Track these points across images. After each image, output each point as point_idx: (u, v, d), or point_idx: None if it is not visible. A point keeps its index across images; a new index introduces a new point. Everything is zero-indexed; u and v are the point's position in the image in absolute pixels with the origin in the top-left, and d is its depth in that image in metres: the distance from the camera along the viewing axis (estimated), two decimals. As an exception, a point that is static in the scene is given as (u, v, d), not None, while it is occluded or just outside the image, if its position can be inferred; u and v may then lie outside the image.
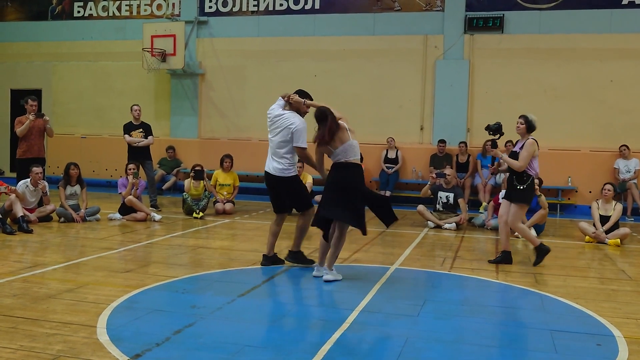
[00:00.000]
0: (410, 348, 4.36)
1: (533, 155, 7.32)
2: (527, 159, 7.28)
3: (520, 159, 7.31)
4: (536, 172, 7.42)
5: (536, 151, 7.34)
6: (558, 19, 14.02)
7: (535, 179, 7.43)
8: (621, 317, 5.31)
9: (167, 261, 7.35)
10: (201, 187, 11.32)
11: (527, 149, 7.30)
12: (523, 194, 7.39)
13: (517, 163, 7.31)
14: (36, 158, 10.39)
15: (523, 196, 7.41)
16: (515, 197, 7.47)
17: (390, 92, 14.89)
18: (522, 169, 7.31)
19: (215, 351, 4.15)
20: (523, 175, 7.34)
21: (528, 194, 7.41)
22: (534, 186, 7.45)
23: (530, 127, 7.43)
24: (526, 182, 7.34)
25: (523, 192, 7.38)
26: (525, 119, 7.45)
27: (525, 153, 7.31)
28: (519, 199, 7.44)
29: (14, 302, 5.23)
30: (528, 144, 7.33)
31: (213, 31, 16.13)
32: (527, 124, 7.42)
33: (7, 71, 17.80)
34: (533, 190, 7.48)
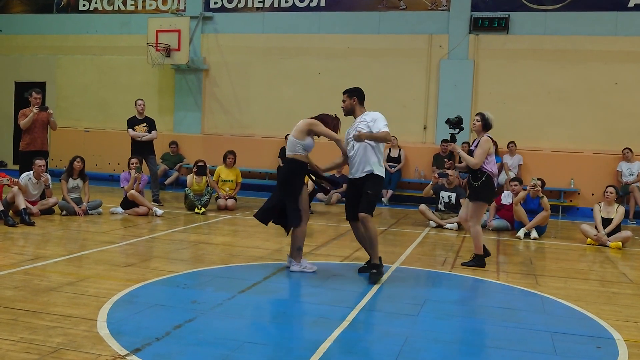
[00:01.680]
0: (410, 347, 4.36)
1: (488, 153, 7.25)
2: (482, 156, 7.21)
3: (475, 156, 7.25)
4: (492, 170, 7.28)
5: (491, 148, 7.28)
6: (563, 20, 13.99)
7: (492, 177, 7.29)
8: (622, 320, 5.30)
9: (169, 256, 7.35)
10: (203, 182, 11.32)
11: (482, 147, 7.24)
12: (477, 191, 7.29)
13: (472, 160, 7.25)
14: (39, 151, 10.41)
15: (477, 194, 7.30)
16: (471, 195, 7.41)
17: (394, 91, 14.87)
18: (477, 167, 7.22)
19: (215, 347, 4.16)
20: (477, 172, 7.25)
21: (483, 191, 7.27)
22: (490, 184, 7.29)
23: (486, 124, 7.38)
24: (480, 179, 7.23)
25: (478, 189, 7.28)
26: (482, 116, 7.41)
27: (479, 150, 7.23)
28: (474, 197, 7.35)
29: (15, 294, 5.24)
30: (483, 141, 7.28)
31: (218, 27, 16.12)
32: (484, 121, 7.37)
33: (11, 64, 17.82)
34: (490, 188, 7.31)
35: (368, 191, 6.39)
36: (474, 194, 7.35)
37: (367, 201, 6.39)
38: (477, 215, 7.38)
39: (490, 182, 7.28)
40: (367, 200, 6.38)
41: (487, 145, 7.23)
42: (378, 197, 6.59)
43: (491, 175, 7.27)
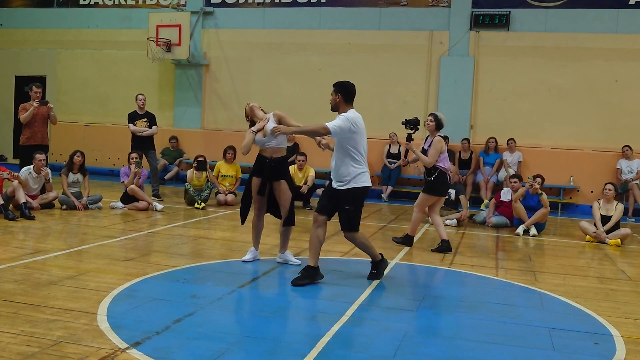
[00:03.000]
0: (409, 343, 4.38)
1: (441, 151, 7.89)
2: (435, 155, 7.88)
3: (429, 155, 7.93)
4: (445, 167, 7.93)
5: (443, 147, 7.93)
6: (564, 17, 13.98)
7: (445, 173, 7.93)
8: (619, 317, 5.32)
9: (168, 251, 7.37)
10: (203, 177, 11.33)
11: (435, 146, 7.90)
12: (431, 185, 7.97)
13: (426, 159, 7.92)
14: (39, 145, 10.42)
15: (430, 187, 7.98)
16: (425, 187, 8.10)
17: (394, 88, 14.88)
18: (431, 165, 7.90)
19: (215, 341, 4.18)
20: (432, 169, 7.93)
21: (436, 185, 7.94)
22: (443, 179, 7.93)
23: (438, 124, 7.99)
24: (434, 174, 7.92)
25: (431, 183, 7.96)
26: (434, 117, 8.02)
27: (433, 150, 7.90)
28: (427, 190, 8.04)
29: (15, 287, 5.26)
30: (435, 141, 7.93)
31: (218, 22, 16.11)
32: (436, 121, 7.98)
33: (11, 58, 17.80)
34: (442, 183, 7.95)
35: (346, 207, 5.98)
36: (427, 187, 8.05)
37: (347, 218, 6.02)
38: (422, 204, 8.14)
39: (443, 177, 7.97)
40: (347, 217, 6.01)
41: (439, 144, 7.91)
42: (359, 210, 6.10)
43: (444, 171, 7.95)
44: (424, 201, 8.12)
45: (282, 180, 6.63)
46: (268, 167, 6.58)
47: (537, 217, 9.88)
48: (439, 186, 7.99)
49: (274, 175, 6.61)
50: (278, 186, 6.63)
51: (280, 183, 6.63)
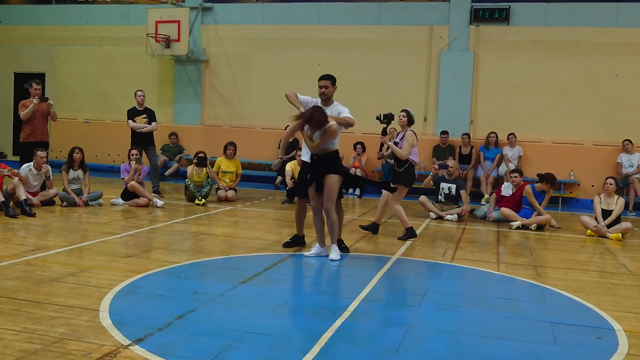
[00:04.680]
0: (411, 338, 4.38)
1: (412, 145, 8.34)
2: (408, 148, 8.32)
3: (403, 148, 8.35)
4: (414, 160, 8.42)
5: (414, 141, 8.39)
6: (564, 11, 13.95)
7: (414, 165, 8.43)
8: (621, 311, 5.33)
9: (170, 247, 7.37)
10: (204, 174, 11.32)
11: (407, 140, 8.34)
12: (401, 176, 8.39)
13: (401, 152, 8.33)
14: (39, 142, 10.41)
15: (400, 178, 8.39)
16: (395, 179, 8.47)
17: (394, 82, 14.86)
18: (405, 157, 8.33)
19: (217, 337, 4.18)
20: (402, 161, 8.36)
21: (405, 177, 8.38)
22: (411, 171, 8.42)
23: (410, 120, 8.51)
24: (404, 166, 8.37)
25: (401, 175, 8.39)
26: (407, 112, 8.52)
27: (405, 143, 8.33)
28: (398, 181, 8.39)
29: (17, 284, 5.26)
30: (407, 134, 8.39)
31: (218, 18, 16.08)
32: (408, 117, 8.50)
33: (11, 54, 17.78)
34: (411, 174, 8.42)
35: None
36: (397, 178, 8.43)
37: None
38: (397, 196, 8.39)
39: (412, 170, 8.45)
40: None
41: (411, 138, 8.36)
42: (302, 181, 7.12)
43: (413, 164, 8.43)
44: (398, 194, 8.40)
45: (333, 175, 6.79)
46: (316, 163, 6.78)
47: (538, 220, 9.89)
48: (407, 177, 8.40)
49: (322, 169, 6.77)
50: (326, 181, 6.79)
51: (329, 177, 6.78)
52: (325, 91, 6.97)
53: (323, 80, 7.03)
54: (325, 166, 6.80)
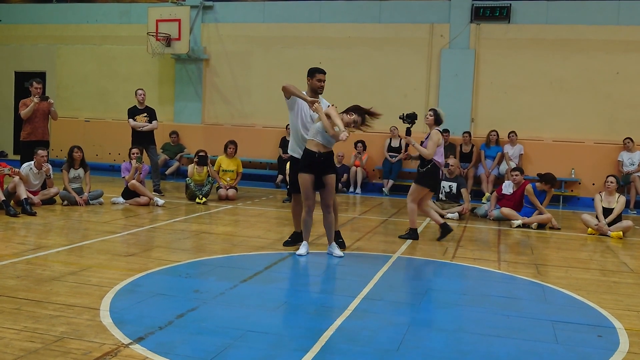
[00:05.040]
0: (412, 336, 4.38)
1: (438, 145, 8.04)
2: (433, 147, 8.02)
3: (427, 147, 8.07)
4: (439, 161, 8.09)
5: (440, 140, 8.07)
6: (565, 9, 13.93)
7: (437, 167, 8.09)
8: (622, 309, 5.32)
9: (170, 246, 7.37)
10: (204, 172, 11.32)
11: (432, 139, 8.04)
12: (422, 176, 8.17)
13: (426, 151, 8.06)
14: (40, 141, 10.40)
15: (421, 178, 8.18)
16: (417, 178, 8.30)
17: (395, 81, 14.85)
18: (430, 157, 8.04)
19: (218, 336, 4.17)
20: (425, 160, 8.10)
21: (426, 177, 8.13)
22: (434, 172, 8.11)
23: (437, 119, 8.17)
24: (426, 166, 8.10)
25: (422, 175, 8.16)
26: (434, 111, 8.23)
27: (430, 143, 8.04)
28: (418, 181, 8.23)
29: (17, 283, 5.26)
30: (433, 133, 8.09)
31: (218, 16, 16.07)
32: (435, 116, 8.18)
33: (11, 53, 17.77)
34: (432, 176, 8.12)
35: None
36: (418, 178, 8.25)
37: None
38: (414, 195, 8.23)
39: (434, 171, 8.12)
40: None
41: (436, 137, 8.05)
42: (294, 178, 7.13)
43: (437, 165, 8.10)
44: (415, 192, 8.24)
45: (332, 174, 6.86)
46: (317, 161, 6.75)
47: (539, 219, 9.89)
48: (429, 178, 8.14)
49: (325, 168, 6.80)
50: (327, 179, 6.83)
51: (330, 177, 6.84)
52: (324, 85, 7.08)
53: (323, 74, 7.11)
54: (327, 164, 6.84)
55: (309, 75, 7.14)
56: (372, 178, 14.91)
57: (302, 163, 6.84)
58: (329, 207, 6.92)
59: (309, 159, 6.77)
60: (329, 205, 6.92)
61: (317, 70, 7.14)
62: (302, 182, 6.81)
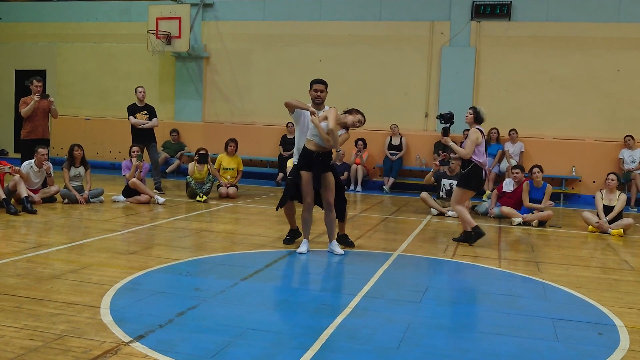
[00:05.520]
0: (412, 334, 4.38)
1: (477, 144, 7.70)
2: (471, 147, 7.69)
3: (465, 147, 7.81)
4: (479, 160, 7.72)
5: (479, 139, 7.71)
6: (566, 6, 13.91)
7: (479, 167, 7.72)
8: (623, 307, 5.32)
9: (171, 244, 7.37)
10: (205, 170, 11.32)
11: (470, 138, 7.73)
12: (464, 178, 7.88)
13: (462, 151, 7.78)
14: (40, 139, 10.40)
15: (463, 180, 7.90)
16: (459, 181, 8.11)
17: (395, 79, 14.84)
18: (468, 157, 7.73)
19: (218, 334, 4.17)
20: (466, 161, 7.80)
21: (468, 179, 7.81)
22: (475, 173, 7.76)
23: (477, 117, 7.83)
24: (467, 167, 7.79)
25: (464, 176, 7.87)
26: (473, 110, 7.90)
27: (468, 142, 7.75)
28: (460, 183, 7.99)
29: (18, 281, 5.26)
30: (470, 132, 7.80)
31: (219, 14, 16.05)
32: (475, 114, 7.83)
33: (11, 51, 17.77)
34: (474, 177, 7.77)
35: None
36: (461, 180, 8.03)
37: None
38: (459, 198, 8.01)
39: (476, 171, 7.77)
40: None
41: (474, 136, 7.70)
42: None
43: (478, 165, 7.74)
44: (459, 195, 7.96)
45: (330, 172, 6.93)
46: (317, 160, 6.80)
47: (540, 216, 9.89)
48: (471, 180, 7.79)
49: (323, 167, 6.84)
50: (325, 178, 6.89)
51: (328, 175, 6.91)
52: (321, 95, 7.10)
53: (319, 85, 7.10)
54: (325, 164, 6.88)
55: (310, 87, 7.17)
56: (373, 176, 14.91)
57: (302, 161, 6.90)
58: (330, 205, 6.96)
59: (307, 158, 6.84)
60: (330, 203, 6.95)
61: (314, 81, 7.19)
62: (303, 181, 6.86)
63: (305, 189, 6.90)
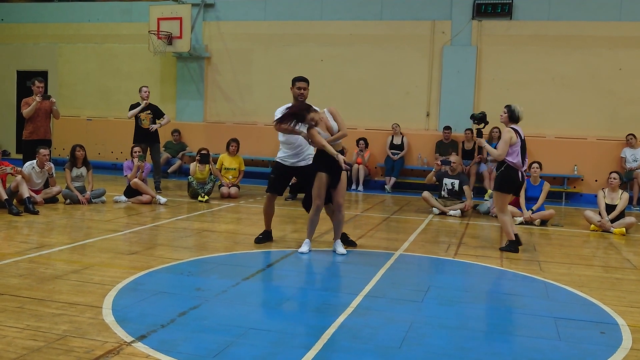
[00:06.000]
0: (414, 333, 4.38)
1: (510, 144, 7.35)
2: (504, 147, 7.35)
3: (498, 147, 7.47)
4: (513, 161, 7.37)
5: (513, 139, 7.35)
6: (567, 5, 13.90)
7: (512, 168, 7.38)
8: (625, 306, 5.31)
9: (173, 244, 7.37)
10: (207, 170, 11.33)
11: (503, 138, 7.40)
12: (497, 181, 7.55)
13: (495, 152, 7.49)
14: (42, 140, 10.41)
15: (497, 183, 7.56)
16: (494, 184, 7.72)
17: (396, 78, 14.83)
18: (501, 158, 7.41)
19: (220, 333, 4.17)
20: (500, 163, 7.51)
21: (501, 182, 7.48)
22: (507, 175, 7.41)
23: (512, 116, 7.48)
24: (500, 169, 7.49)
25: (498, 179, 7.54)
26: (508, 108, 7.53)
27: (501, 142, 7.42)
28: (495, 187, 7.64)
29: (20, 282, 5.26)
30: (503, 132, 7.49)
31: (220, 14, 16.06)
32: (510, 113, 7.48)
33: (13, 52, 17.78)
34: (506, 179, 7.42)
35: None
36: (495, 183, 7.66)
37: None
38: (497, 204, 7.64)
39: (508, 173, 7.40)
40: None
41: (507, 136, 7.35)
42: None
43: (512, 166, 7.38)
44: (497, 200, 7.66)
45: (344, 172, 6.90)
46: (327, 161, 6.75)
47: (543, 215, 9.89)
48: (505, 182, 7.45)
49: (339, 167, 6.80)
50: (342, 177, 6.88)
51: (344, 174, 6.90)
52: (305, 92, 7.08)
53: (302, 82, 7.09)
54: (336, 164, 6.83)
55: (292, 84, 7.15)
56: (374, 175, 14.90)
57: (320, 163, 6.81)
58: (340, 205, 6.93)
59: (326, 159, 6.74)
60: (340, 203, 6.93)
61: (296, 79, 7.17)
62: (319, 183, 6.80)
63: (319, 192, 6.83)
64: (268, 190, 7.48)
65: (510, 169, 7.42)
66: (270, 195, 7.46)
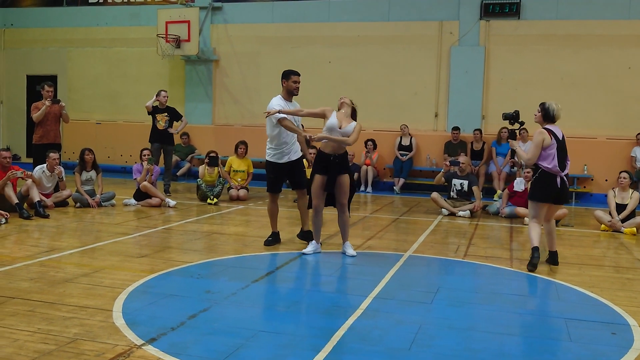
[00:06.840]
0: (424, 335, 4.37)
1: (542, 146, 6.52)
2: (534, 151, 6.56)
3: (528, 151, 6.75)
4: (546, 166, 6.54)
5: (545, 141, 6.52)
6: (575, 4, 13.83)
7: (547, 173, 6.56)
8: (636, 306, 5.28)
9: (182, 246, 7.39)
10: (215, 173, 11.35)
11: (534, 141, 6.60)
12: (531, 188, 6.83)
13: (525, 155, 6.77)
14: (52, 144, 10.48)
15: (531, 191, 6.83)
16: (529, 192, 7.00)
17: (404, 79, 14.81)
18: (531, 162, 6.66)
19: (230, 336, 4.19)
20: (534, 168, 6.76)
21: (536, 189, 6.69)
22: (541, 182, 6.61)
23: (546, 115, 6.67)
24: (534, 175, 6.73)
25: (532, 186, 6.80)
26: (541, 107, 6.77)
27: (532, 145, 6.66)
28: (529, 195, 6.91)
29: (31, 285, 5.30)
30: (535, 134, 6.63)
31: (227, 17, 16.10)
32: (544, 112, 6.69)
33: (22, 57, 17.90)
34: (540, 185, 6.62)
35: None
36: (529, 191, 6.93)
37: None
38: (532, 212, 6.83)
39: (542, 179, 6.59)
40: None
41: (538, 138, 6.54)
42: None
43: (546, 171, 6.55)
44: (531, 209, 6.84)
45: (346, 174, 6.93)
46: (333, 162, 6.81)
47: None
48: (538, 189, 6.64)
49: (340, 169, 6.86)
50: (341, 179, 6.89)
51: (344, 176, 6.91)
52: (299, 86, 7.20)
53: (298, 76, 7.23)
54: (342, 165, 6.89)
55: (284, 78, 7.24)
56: (383, 177, 14.88)
57: (318, 165, 6.86)
58: (344, 206, 6.96)
59: (324, 161, 6.82)
60: (343, 204, 6.95)
61: (291, 72, 7.26)
62: (314, 184, 6.85)
63: (316, 192, 6.90)
64: (269, 191, 7.53)
65: (544, 175, 6.56)
66: (272, 195, 7.52)
